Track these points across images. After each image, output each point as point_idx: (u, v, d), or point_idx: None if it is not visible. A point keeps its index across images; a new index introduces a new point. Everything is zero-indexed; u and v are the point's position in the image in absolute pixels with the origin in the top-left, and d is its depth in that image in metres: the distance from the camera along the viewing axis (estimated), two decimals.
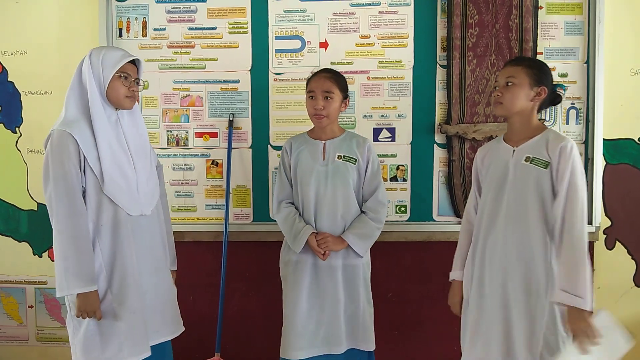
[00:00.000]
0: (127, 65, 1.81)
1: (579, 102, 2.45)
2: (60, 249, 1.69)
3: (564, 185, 1.68)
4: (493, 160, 1.87)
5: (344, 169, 2.09)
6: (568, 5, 2.43)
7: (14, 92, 2.67)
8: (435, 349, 2.59)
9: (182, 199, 2.58)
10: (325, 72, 2.11)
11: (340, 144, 2.13)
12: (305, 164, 2.12)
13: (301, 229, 2.07)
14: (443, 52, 2.45)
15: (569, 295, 1.63)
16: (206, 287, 2.58)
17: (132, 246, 1.79)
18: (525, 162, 1.76)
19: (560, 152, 1.70)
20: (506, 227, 1.77)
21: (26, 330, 2.78)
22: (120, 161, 1.79)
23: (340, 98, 2.09)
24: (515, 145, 1.81)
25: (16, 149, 2.70)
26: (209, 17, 2.52)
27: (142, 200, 1.84)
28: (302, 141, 2.17)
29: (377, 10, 2.46)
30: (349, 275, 2.10)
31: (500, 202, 1.79)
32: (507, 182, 1.78)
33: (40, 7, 2.63)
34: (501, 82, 1.80)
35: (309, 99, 2.09)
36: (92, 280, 1.71)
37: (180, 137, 2.56)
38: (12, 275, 2.76)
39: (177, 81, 2.55)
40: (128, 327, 1.76)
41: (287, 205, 2.16)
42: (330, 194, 2.08)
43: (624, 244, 2.55)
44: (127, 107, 1.84)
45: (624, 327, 1.66)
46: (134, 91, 1.84)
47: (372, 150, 2.14)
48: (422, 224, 2.50)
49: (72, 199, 1.69)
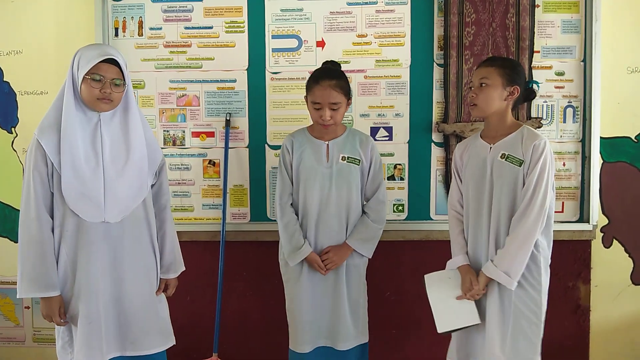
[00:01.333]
0: (101, 65, 1.70)
1: (576, 101, 2.45)
2: (19, 253, 1.72)
3: (532, 179, 1.78)
4: (471, 157, 1.94)
5: (348, 171, 2.08)
6: (565, 4, 2.43)
7: (9, 92, 2.66)
8: (433, 348, 2.59)
9: (179, 198, 2.57)
10: (329, 78, 2.01)
11: (343, 143, 2.11)
12: (308, 165, 2.09)
13: (301, 245, 2.07)
14: (440, 51, 2.45)
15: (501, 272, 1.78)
16: (203, 287, 2.57)
17: (96, 253, 1.75)
18: (500, 158, 1.84)
19: (533, 150, 1.79)
20: (490, 223, 1.85)
21: (23, 332, 2.77)
22: (82, 167, 1.72)
23: (346, 103, 2.07)
24: (491, 142, 1.89)
25: (12, 150, 2.69)
26: (205, 16, 2.51)
27: (109, 208, 1.75)
28: (304, 139, 2.14)
29: (373, 9, 2.46)
30: (352, 273, 2.11)
31: (482, 199, 1.88)
32: (486, 178, 1.87)
33: (36, 6, 2.62)
34: (475, 83, 1.87)
35: (314, 110, 2.04)
36: (47, 286, 1.70)
37: (177, 136, 2.56)
38: (8, 276, 2.74)
39: (174, 81, 2.54)
40: (81, 336, 1.74)
41: (292, 210, 2.13)
42: (335, 197, 2.07)
43: (622, 242, 2.55)
44: (102, 110, 1.75)
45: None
46: (108, 93, 1.71)
47: (375, 149, 2.14)
48: (420, 222, 2.50)
49: (33, 205, 1.69)
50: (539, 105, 2.45)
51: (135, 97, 2.53)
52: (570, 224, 2.47)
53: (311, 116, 2.09)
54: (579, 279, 2.54)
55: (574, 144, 2.46)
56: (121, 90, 1.76)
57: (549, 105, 2.45)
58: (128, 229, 1.80)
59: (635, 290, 2.56)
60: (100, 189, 1.74)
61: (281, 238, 2.13)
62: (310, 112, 2.08)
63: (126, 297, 1.80)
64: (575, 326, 2.55)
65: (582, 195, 2.47)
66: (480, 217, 1.88)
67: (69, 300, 1.76)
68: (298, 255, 2.06)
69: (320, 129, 2.10)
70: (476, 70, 1.91)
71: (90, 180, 1.73)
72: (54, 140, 1.70)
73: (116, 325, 1.80)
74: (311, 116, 2.09)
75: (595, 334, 2.56)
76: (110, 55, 1.72)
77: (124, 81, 1.76)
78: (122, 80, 1.75)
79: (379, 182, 2.14)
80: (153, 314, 1.86)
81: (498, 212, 1.84)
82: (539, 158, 1.78)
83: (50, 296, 1.71)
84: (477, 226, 1.90)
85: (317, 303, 2.09)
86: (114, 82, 1.73)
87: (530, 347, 1.80)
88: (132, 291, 1.82)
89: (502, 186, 1.83)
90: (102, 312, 1.76)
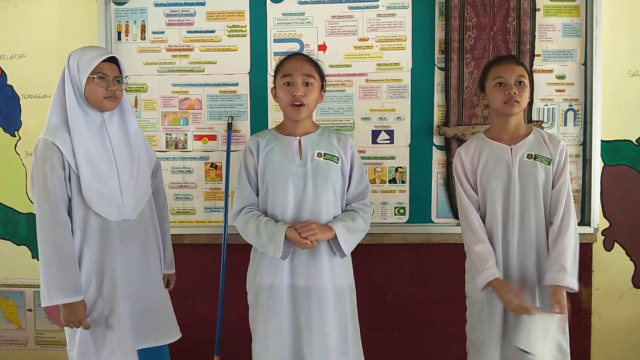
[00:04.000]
0: (104, 65, 1.74)
1: (576, 104, 2.45)
2: (43, 260, 1.68)
3: (565, 179, 1.83)
4: (489, 159, 1.88)
5: (326, 169, 1.81)
6: (565, 8, 2.44)
7: (12, 95, 2.67)
8: (434, 351, 2.59)
9: (181, 201, 2.58)
10: (301, 54, 1.85)
11: (318, 140, 1.85)
12: (277, 165, 1.81)
13: (274, 226, 1.74)
14: (441, 55, 2.45)
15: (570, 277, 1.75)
16: (205, 290, 2.58)
17: (119, 252, 1.77)
18: (527, 159, 1.84)
19: (561, 151, 1.85)
20: (522, 223, 1.83)
21: (25, 334, 2.77)
22: (99, 167, 1.74)
23: (319, 86, 1.83)
24: (509, 143, 1.87)
25: (15, 153, 2.70)
26: (208, 20, 2.52)
27: (126, 205, 1.79)
28: (271, 138, 1.86)
29: (375, 13, 2.47)
30: (337, 301, 1.80)
31: (511, 199, 1.84)
32: (513, 179, 1.84)
33: (39, 10, 2.63)
34: (512, 80, 1.81)
35: (284, 86, 1.78)
36: (75, 290, 1.69)
37: (179, 140, 2.57)
38: (11, 278, 2.75)
39: (176, 84, 2.55)
40: (118, 334, 1.75)
41: (248, 211, 1.84)
42: (312, 199, 1.78)
43: (623, 245, 2.55)
44: (109, 108, 1.78)
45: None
46: (113, 90, 1.75)
47: (355, 148, 1.90)
48: (421, 225, 2.50)
49: (54, 210, 1.68)
50: (540, 108, 2.46)
51: (138, 101, 2.54)
52: None
53: (280, 102, 1.82)
54: (580, 282, 2.50)
55: (574, 147, 2.47)
56: (122, 88, 1.81)
57: (550, 108, 2.46)
58: (141, 227, 1.86)
59: (636, 294, 2.56)
60: (117, 187, 1.78)
61: (248, 236, 1.82)
62: (279, 97, 1.82)
63: (141, 293, 1.84)
64: (577, 329, 2.55)
65: (583, 199, 2.47)
66: (512, 218, 1.83)
67: (94, 302, 1.76)
68: (278, 236, 1.71)
69: (291, 124, 1.85)
70: (503, 66, 1.84)
71: (108, 179, 1.76)
72: (68, 143, 1.71)
73: (134, 321, 1.82)
74: (280, 102, 1.82)
75: (597, 337, 2.56)
76: (110, 54, 1.78)
77: (123, 80, 1.81)
78: (122, 78, 1.80)
79: (364, 186, 1.89)
80: (167, 306, 1.93)
81: (528, 212, 1.83)
82: (566, 158, 1.85)
83: (77, 301, 1.70)
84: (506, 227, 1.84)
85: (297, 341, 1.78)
86: (116, 80, 1.78)
87: None
88: (148, 286, 1.87)
89: (531, 186, 1.82)
90: (132, 307, 1.79)
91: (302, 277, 1.78)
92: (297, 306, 1.78)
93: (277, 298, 1.78)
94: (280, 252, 1.72)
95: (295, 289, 1.78)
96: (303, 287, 1.77)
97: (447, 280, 2.54)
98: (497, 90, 1.83)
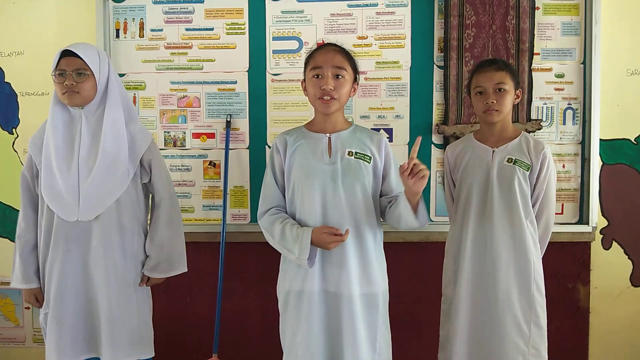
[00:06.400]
0: (63, 60, 1.74)
1: (575, 103, 2.45)
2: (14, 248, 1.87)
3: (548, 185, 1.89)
4: (471, 159, 1.95)
5: (358, 168, 1.70)
6: (565, 6, 2.44)
7: (10, 93, 2.66)
8: (433, 350, 2.59)
9: (180, 199, 2.55)
10: (333, 45, 1.74)
11: (349, 137, 1.74)
12: (304, 163, 1.71)
13: (297, 231, 1.65)
14: (440, 53, 2.45)
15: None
16: (204, 288, 2.58)
17: (64, 253, 1.76)
18: (507, 162, 1.87)
19: (543, 158, 1.88)
20: (497, 224, 1.87)
21: (23, 332, 2.77)
22: (58, 165, 1.74)
23: (351, 78, 1.72)
24: (493, 146, 1.92)
25: (13, 150, 2.69)
26: (207, 18, 2.52)
27: (82, 205, 1.74)
28: (299, 136, 1.76)
29: (374, 11, 2.47)
30: (368, 307, 1.71)
31: (486, 201, 1.89)
32: (491, 181, 1.89)
33: (37, 7, 2.62)
34: (490, 88, 1.86)
35: (313, 79, 1.68)
36: (27, 278, 1.83)
37: (178, 137, 2.56)
38: (8, 276, 2.73)
39: (175, 82, 2.54)
40: (53, 336, 1.77)
41: (275, 212, 1.75)
42: (343, 200, 1.67)
43: (621, 244, 2.55)
44: (73, 104, 1.77)
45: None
46: (67, 85, 1.72)
47: (389, 147, 1.78)
48: None
49: (22, 202, 1.85)
50: (539, 107, 2.46)
51: (137, 98, 2.54)
52: (570, 225, 2.48)
53: (309, 96, 1.73)
54: (578, 280, 2.54)
55: (573, 146, 2.47)
56: (86, 80, 1.74)
57: (549, 107, 2.46)
58: (101, 229, 1.77)
59: (634, 292, 2.56)
60: (74, 186, 1.74)
61: (273, 239, 1.73)
62: (309, 91, 1.73)
63: (96, 301, 1.78)
64: (575, 328, 2.56)
65: (581, 197, 2.48)
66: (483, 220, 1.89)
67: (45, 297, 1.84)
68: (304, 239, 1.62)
69: (321, 120, 1.76)
70: (482, 73, 1.88)
71: (64, 178, 1.74)
72: (39, 142, 1.78)
73: (87, 328, 1.80)
74: (309, 96, 1.73)
75: (595, 336, 2.57)
76: (69, 48, 1.72)
77: (90, 72, 1.74)
78: (87, 70, 1.73)
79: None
80: (124, 322, 1.80)
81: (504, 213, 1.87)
82: (549, 165, 1.88)
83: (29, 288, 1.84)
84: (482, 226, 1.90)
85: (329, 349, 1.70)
86: (76, 73, 1.73)
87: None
88: (102, 295, 1.77)
89: (505, 189, 1.87)
90: (71, 313, 1.77)
91: (332, 282, 1.68)
92: (328, 313, 1.69)
93: (308, 304, 1.68)
94: (306, 254, 1.61)
95: (327, 294, 1.69)
96: (333, 292, 1.68)
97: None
98: (477, 100, 1.91)
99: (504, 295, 1.86)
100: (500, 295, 1.86)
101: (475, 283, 1.90)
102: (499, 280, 1.86)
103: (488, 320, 1.87)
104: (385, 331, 1.78)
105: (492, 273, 1.87)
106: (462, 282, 1.92)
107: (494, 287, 1.86)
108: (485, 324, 1.88)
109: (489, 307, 1.88)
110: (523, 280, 1.86)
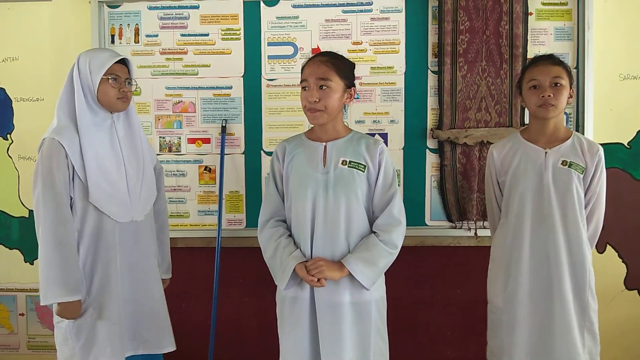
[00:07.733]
0: (116, 66, 1.77)
1: (568, 107, 2.47)
2: (45, 257, 1.67)
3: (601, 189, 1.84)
4: (522, 161, 1.86)
5: (350, 177, 1.69)
6: (557, 12, 2.46)
7: (5, 98, 2.66)
8: (428, 354, 2.60)
9: (175, 205, 2.57)
10: (322, 55, 1.75)
11: (345, 146, 1.74)
12: (300, 172, 1.72)
13: (286, 258, 1.67)
14: (434, 58, 2.47)
15: None
16: (199, 293, 2.57)
17: (116, 254, 1.77)
18: (562, 165, 1.80)
19: (598, 160, 1.82)
20: (556, 231, 1.80)
21: (17, 339, 2.75)
22: (108, 168, 1.76)
23: (341, 87, 1.70)
24: (545, 147, 1.84)
25: (7, 156, 2.68)
26: (202, 24, 2.53)
27: (135, 206, 1.82)
28: (298, 144, 1.79)
29: (368, 17, 2.48)
30: (359, 315, 1.69)
31: (542, 206, 1.81)
32: (545, 184, 1.81)
33: (32, 13, 2.62)
34: (546, 81, 1.78)
35: (302, 91, 1.72)
36: (75, 289, 1.69)
37: (173, 143, 2.56)
38: (3, 283, 2.73)
39: (170, 87, 2.54)
40: (105, 338, 1.74)
41: (274, 225, 1.76)
42: (332, 210, 1.67)
43: (615, 247, 2.57)
44: (121, 109, 1.82)
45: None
46: (125, 92, 1.79)
47: (386, 154, 1.75)
48: (415, 228, 2.50)
49: (59, 207, 1.68)
50: None
51: None
52: None
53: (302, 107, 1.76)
54: None
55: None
56: (132, 89, 1.84)
57: None
58: (144, 228, 1.86)
59: (628, 296, 2.57)
60: (125, 188, 1.80)
61: (265, 258, 1.76)
62: (300, 101, 1.76)
63: (141, 297, 1.84)
64: None
65: None
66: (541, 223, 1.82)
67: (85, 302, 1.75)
68: (285, 271, 1.66)
69: (318, 130, 1.77)
70: (539, 67, 1.80)
71: (117, 180, 1.78)
72: (76, 143, 1.72)
73: (131, 325, 1.82)
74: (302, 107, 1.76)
75: None
76: (121, 56, 1.80)
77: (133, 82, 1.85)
78: (131, 79, 1.84)
79: (391, 194, 1.72)
80: (164, 314, 1.92)
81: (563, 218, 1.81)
82: (602, 168, 1.83)
83: (75, 300, 1.70)
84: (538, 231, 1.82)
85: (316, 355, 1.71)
86: (127, 81, 1.81)
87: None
88: (147, 291, 1.86)
89: (561, 194, 1.80)
90: (121, 312, 1.78)
91: (323, 290, 1.67)
92: (318, 320, 1.68)
93: (299, 310, 1.71)
94: (283, 286, 1.68)
95: (318, 301, 1.68)
96: (324, 300, 1.68)
97: (441, 282, 2.55)
98: (531, 93, 1.81)
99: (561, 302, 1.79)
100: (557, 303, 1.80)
101: (535, 293, 1.82)
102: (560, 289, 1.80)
103: (547, 330, 1.80)
104: (380, 341, 1.75)
105: (553, 282, 1.80)
106: (519, 291, 1.83)
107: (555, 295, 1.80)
108: (544, 334, 1.80)
109: (547, 316, 1.81)
110: (579, 287, 1.81)
